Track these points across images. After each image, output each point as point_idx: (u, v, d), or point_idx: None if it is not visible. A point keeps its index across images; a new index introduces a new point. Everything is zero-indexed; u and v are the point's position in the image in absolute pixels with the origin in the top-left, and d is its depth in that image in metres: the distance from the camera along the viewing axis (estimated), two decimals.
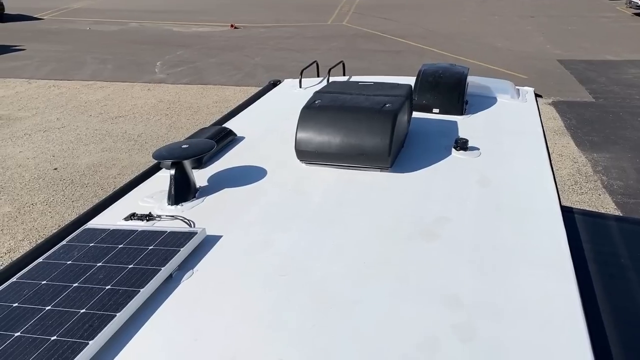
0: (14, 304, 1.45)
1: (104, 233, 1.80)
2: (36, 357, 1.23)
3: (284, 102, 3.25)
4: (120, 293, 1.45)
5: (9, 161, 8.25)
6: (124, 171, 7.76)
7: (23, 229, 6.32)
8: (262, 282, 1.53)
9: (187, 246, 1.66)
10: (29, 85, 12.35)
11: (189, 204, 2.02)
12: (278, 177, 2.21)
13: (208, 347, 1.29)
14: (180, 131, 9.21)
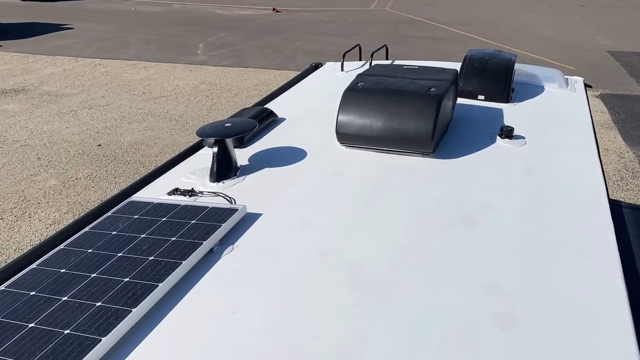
0: (61, 269, 1.51)
1: (148, 206, 1.84)
2: (82, 321, 1.27)
3: (325, 84, 3.24)
4: (163, 264, 1.48)
5: (56, 136, 8.52)
6: (165, 150, 7.92)
7: (67, 202, 6.53)
8: (300, 260, 1.54)
9: (228, 222, 1.68)
10: (76, 63, 12.69)
11: (230, 182, 2.04)
12: (318, 158, 2.21)
13: (247, 321, 1.31)
14: (220, 113, 9.32)
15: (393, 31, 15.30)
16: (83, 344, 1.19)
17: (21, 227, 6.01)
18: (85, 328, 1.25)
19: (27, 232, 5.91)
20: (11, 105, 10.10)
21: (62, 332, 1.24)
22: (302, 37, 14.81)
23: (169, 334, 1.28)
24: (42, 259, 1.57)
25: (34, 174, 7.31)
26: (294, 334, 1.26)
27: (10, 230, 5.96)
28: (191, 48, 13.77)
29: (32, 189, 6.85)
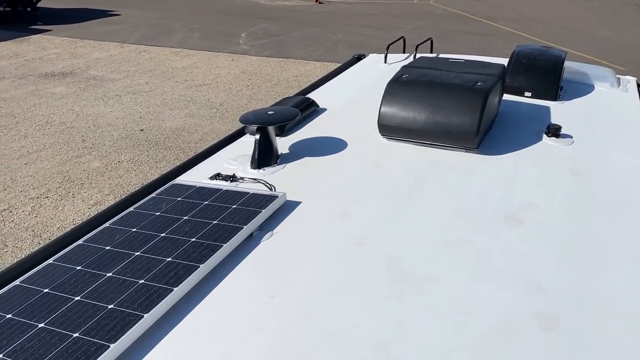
0: (106, 247, 1.55)
1: (191, 189, 1.87)
2: (125, 297, 1.31)
3: (367, 76, 3.22)
4: (205, 246, 1.51)
5: (100, 120, 8.75)
6: (205, 137, 8.03)
7: (109, 184, 6.71)
8: (339, 249, 1.55)
9: (268, 208, 1.70)
10: (121, 49, 12.98)
11: (271, 169, 2.06)
12: (358, 149, 2.21)
13: (285, 306, 1.32)
14: (259, 102, 9.39)
15: (437, 25, 15.08)
16: (126, 319, 1.23)
17: (65, 207, 6.21)
18: (129, 304, 1.28)
19: (70, 211, 6.11)
20: (59, 88, 10.42)
21: (106, 307, 1.28)
22: (344, 29, 14.75)
23: (208, 314, 1.31)
24: (88, 235, 1.62)
25: (79, 155, 7.53)
26: (331, 322, 1.26)
27: (54, 209, 6.17)
28: (234, 37, 13.89)
29: (76, 170, 7.06)
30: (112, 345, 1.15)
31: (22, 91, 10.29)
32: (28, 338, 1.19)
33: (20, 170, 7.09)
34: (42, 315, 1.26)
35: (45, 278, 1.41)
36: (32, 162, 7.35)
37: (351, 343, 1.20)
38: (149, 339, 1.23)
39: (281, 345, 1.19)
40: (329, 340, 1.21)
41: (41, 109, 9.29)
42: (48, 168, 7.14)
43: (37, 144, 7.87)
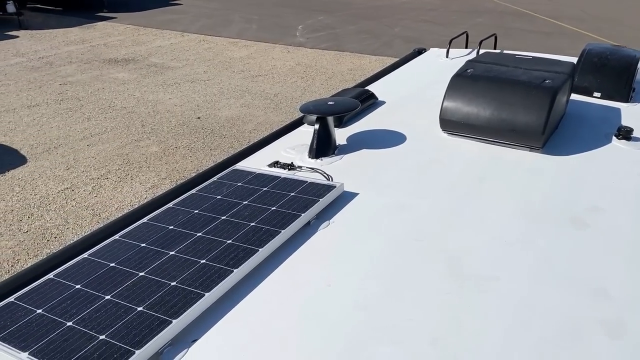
0: (169, 226, 1.60)
1: (250, 175, 1.90)
2: (187, 275, 1.34)
3: (428, 70, 3.17)
4: (264, 231, 1.53)
5: (160, 106, 9.01)
6: (259, 127, 8.14)
7: (166, 169, 6.90)
8: (396, 242, 1.53)
9: (326, 197, 1.71)
10: (182, 37, 13.31)
11: (328, 160, 2.06)
12: (417, 143, 2.18)
13: (341, 295, 1.32)
14: (313, 95, 9.42)
15: (498, 23, 14.68)
16: (188, 297, 1.26)
17: (123, 188, 6.44)
18: (190, 282, 1.32)
19: (128, 193, 6.33)
20: (122, 73, 10.79)
21: (169, 284, 1.32)
22: (401, 23, 14.58)
23: (265, 297, 1.33)
24: (152, 214, 1.68)
25: (138, 139, 7.79)
26: (387, 314, 1.26)
27: (113, 189, 6.41)
28: (290, 29, 13.98)
29: (135, 154, 7.30)
30: (174, 320, 1.19)
31: (87, 75, 10.72)
32: (96, 308, 1.24)
33: (83, 151, 7.40)
34: (108, 287, 1.32)
35: (112, 253, 1.47)
36: (94, 144, 7.66)
37: (408, 336, 1.19)
38: (209, 317, 1.26)
39: (337, 334, 1.20)
40: (386, 332, 1.20)
41: (104, 93, 9.65)
42: (109, 150, 7.41)
43: (99, 126, 8.19)
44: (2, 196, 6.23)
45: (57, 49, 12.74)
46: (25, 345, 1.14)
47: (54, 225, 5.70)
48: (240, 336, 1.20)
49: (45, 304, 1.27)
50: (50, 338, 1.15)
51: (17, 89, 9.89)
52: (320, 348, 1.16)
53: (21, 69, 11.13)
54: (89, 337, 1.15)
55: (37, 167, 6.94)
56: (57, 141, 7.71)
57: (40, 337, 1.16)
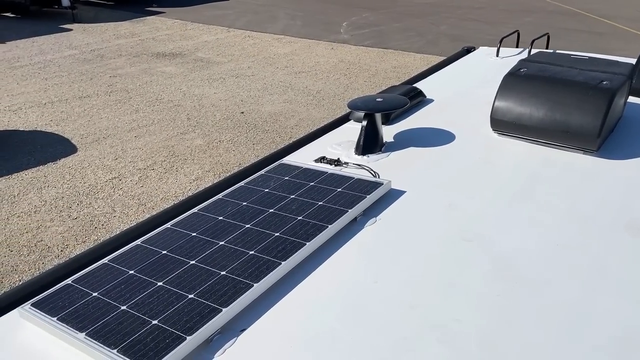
0: (219, 217, 1.63)
1: (297, 170, 1.92)
2: (237, 265, 1.37)
3: (477, 69, 3.11)
4: (311, 225, 1.54)
5: (205, 100, 9.17)
6: (301, 123, 8.18)
7: (210, 162, 7.02)
8: (444, 242, 1.52)
9: (373, 194, 1.70)
10: (228, 33, 13.50)
11: (375, 157, 2.05)
12: (467, 143, 2.15)
13: (387, 292, 1.32)
14: (356, 92, 9.40)
15: (548, 22, 14.28)
16: (237, 287, 1.29)
17: (168, 179, 6.59)
18: (240, 272, 1.34)
19: (173, 184, 6.48)
20: (169, 67, 11.03)
21: (219, 273, 1.34)
22: (448, 21, 14.37)
23: (312, 291, 1.34)
24: (202, 205, 1.71)
25: (183, 132, 7.95)
26: (435, 313, 1.25)
27: (159, 180, 6.57)
28: (335, 26, 13.98)
29: (180, 146, 7.46)
30: (224, 309, 1.21)
31: (136, 68, 11.00)
32: (148, 294, 1.28)
33: (131, 142, 7.61)
34: (160, 274, 1.35)
35: (164, 241, 1.51)
36: (142, 135, 7.86)
37: (456, 337, 1.17)
38: (257, 307, 1.28)
39: (384, 331, 1.20)
40: (433, 331, 1.19)
41: (152, 86, 9.88)
42: (155, 142, 7.59)
43: (146, 119, 8.40)
44: (53, 183, 6.48)
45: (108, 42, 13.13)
46: (82, 326, 1.18)
47: (102, 213, 5.89)
48: (287, 328, 1.22)
49: (100, 287, 1.32)
50: (106, 320, 1.20)
51: (70, 80, 10.25)
52: (367, 344, 1.16)
53: (74, 61, 11.53)
54: (142, 321, 1.18)
55: (86, 157, 7.18)
56: (106, 132, 7.95)
57: (96, 319, 1.20)
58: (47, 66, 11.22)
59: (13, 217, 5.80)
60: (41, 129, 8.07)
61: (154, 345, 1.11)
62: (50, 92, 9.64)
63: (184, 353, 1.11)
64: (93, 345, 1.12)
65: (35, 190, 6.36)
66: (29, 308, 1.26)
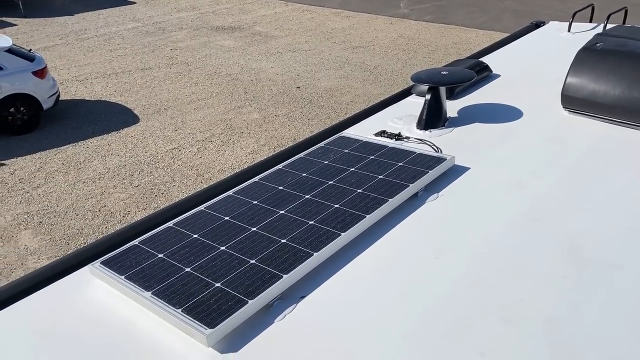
0: (279, 187, 1.64)
1: (357, 143, 1.90)
2: (297, 234, 1.37)
3: (547, 44, 2.97)
4: (370, 198, 1.53)
5: (262, 74, 9.23)
6: (356, 99, 8.11)
7: (265, 136, 7.10)
8: (509, 220, 1.47)
9: (435, 169, 1.66)
10: (286, 7, 13.46)
11: (438, 132, 2.00)
12: (535, 120, 2.06)
13: (449, 268, 1.29)
14: (415, 68, 9.20)
15: None
16: (297, 255, 1.29)
17: (225, 152, 6.71)
18: (300, 241, 1.35)
19: (230, 156, 6.59)
20: (228, 41, 11.15)
21: (279, 241, 1.35)
22: None
23: (371, 263, 1.33)
24: (262, 174, 1.72)
25: (240, 106, 8.05)
26: (498, 292, 1.21)
27: (216, 152, 6.70)
28: (394, 0, 13.68)
29: (237, 119, 7.57)
30: (284, 275, 1.22)
31: (196, 42, 11.18)
32: (212, 257, 1.31)
33: (190, 114, 7.78)
34: (223, 239, 1.38)
35: (226, 207, 1.53)
36: (200, 108, 8.02)
37: (521, 317, 1.14)
38: (316, 276, 1.29)
39: (445, 306, 1.17)
40: (497, 310, 1.16)
41: (211, 59, 10.03)
42: (213, 115, 7.73)
43: (205, 91, 8.55)
44: (116, 151, 6.73)
45: (169, 15, 13.38)
46: (149, 285, 1.23)
47: (162, 182, 6.08)
48: (346, 297, 1.21)
49: (165, 249, 1.36)
50: (171, 281, 1.23)
51: (133, 52, 10.54)
52: (427, 318, 1.14)
53: (137, 33, 11.84)
54: (206, 283, 1.21)
55: (148, 127, 7.40)
56: (167, 103, 8.16)
57: (161, 279, 1.24)
58: (111, 38, 11.58)
59: (79, 183, 6.09)
60: (105, 99, 8.37)
61: (217, 307, 1.14)
62: (115, 63, 9.95)
63: (245, 316, 1.13)
64: (159, 304, 1.16)
65: (100, 158, 6.63)
66: (99, 266, 1.32)
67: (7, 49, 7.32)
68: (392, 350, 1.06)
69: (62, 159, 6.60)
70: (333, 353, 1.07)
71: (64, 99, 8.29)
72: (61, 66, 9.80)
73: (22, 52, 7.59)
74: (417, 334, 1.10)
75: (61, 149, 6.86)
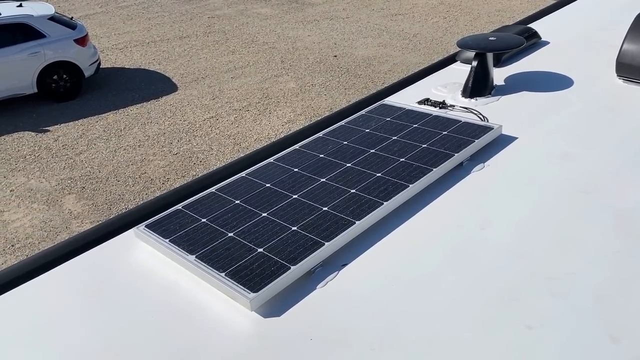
0: (320, 155, 1.62)
1: (400, 111, 1.85)
2: (338, 202, 1.36)
3: (600, 10, 2.82)
4: (414, 167, 1.49)
5: (299, 43, 9.14)
6: (395, 68, 7.96)
7: (302, 105, 7.06)
8: (560, 192, 1.42)
9: (481, 139, 1.61)
10: None
11: (484, 100, 1.94)
12: (587, 89, 1.97)
13: (495, 240, 1.26)
14: (455, 37, 8.95)
15: None
16: (339, 222, 1.28)
17: (262, 121, 6.72)
18: (341, 209, 1.33)
19: (266, 126, 6.60)
20: (264, 9, 11.05)
21: (321, 208, 1.34)
22: None
23: (414, 233, 1.31)
24: (303, 142, 1.71)
25: (277, 75, 8.01)
26: (547, 266, 1.18)
27: (253, 121, 6.72)
28: None
29: (274, 89, 7.54)
30: (326, 243, 1.21)
31: (233, 10, 11.13)
32: (254, 223, 1.31)
33: (227, 82, 7.80)
34: (264, 206, 1.38)
35: (267, 174, 1.53)
36: (238, 77, 8.02)
37: (570, 290, 1.10)
38: (358, 245, 1.28)
39: (491, 278, 1.15)
40: (545, 283, 1.13)
41: (248, 27, 9.98)
42: (250, 84, 7.73)
43: (242, 60, 8.54)
44: (156, 119, 6.83)
45: None
46: (193, 249, 1.24)
47: (200, 150, 6.15)
48: (389, 266, 1.20)
49: (208, 214, 1.36)
50: (214, 245, 1.24)
51: (171, 20, 10.58)
52: (473, 290, 1.12)
53: (175, 1, 11.85)
54: (248, 248, 1.22)
55: (186, 95, 7.46)
56: (205, 72, 8.19)
57: (205, 244, 1.25)
58: (150, 6, 11.63)
59: (120, 150, 6.22)
60: (145, 67, 8.46)
61: (259, 271, 1.14)
62: (153, 31, 10.02)
63: (287, 281, 1.13)
64: (202, 268, 1.17)
65: (140, 126, 6.74)
66: (144, 229, 1.34)
67: (50, 17, 7.44)
68: (435, 322, 1.05)
69: (103, 126, 6.74)
70: (375, 322, 1.06)
71: (104, 67, 8.42)
72: (101, 34, 9.92)
73: (64, 20, 7.71)
74: (461, 306, 1.08)
75: (102, 116, 7.00)
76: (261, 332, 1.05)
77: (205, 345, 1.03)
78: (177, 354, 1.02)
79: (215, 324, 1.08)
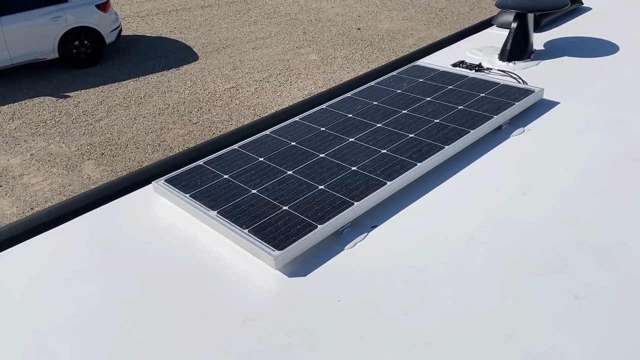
0: (348, 114, 1.53)
1: (433, 72, 1.75)
2: (368, 162, 1.28)
3: None
4: (450, 129, 1.40)
5: (322, 14, 8.96)
6: (420, 42, 7.77)
7: (323, 78, 6.94)
8: (604, 159, 1.32)
9: (521, 102, 1.51)
10: None
11: (522, 64, 1.83)
12: (632, 55, 1.84)
13: (538, 206, 1.17)
14: (483, 12, 8.71)
15: None
16: (369, 182, 1.20)
17: (282, 93, 6.62)
18: (372, 169, 1.25)
19: (287, 97, 6.50)
20: None
21: (349, 168, 1.26)
22: None
23: (450, 196, 1.22)
24: (330, 102, 1.62)
25: (299, 46, 7.87)
26: (594, 233, 1.09)
27: (273, 93, 6.62)
28: None
29: (295, 60, 7.42)
30: (355, 203, 1.14)
31: None
32: (278, 181, 1.23)
33: (248, 53, 7.68)
34: (290, 164, 1.30)
35: (292, 133, 1.45)
36: (259, 47, 7.90)
37: (620, 259, 1.02)
38: (389, 206, 1.20)
39: (534, 245, 1.06)
40: (594, 252, 1.04)
41: None
42: (271, 55, 7.61)
43: (264, 31, 8.41)
44: (176, 88, 6.77)
45: None
46: (215, 204, 1.17)
47: (219, 120, 6.09)
48: (421, 229, 1.12)
49: (231, 170, 1.29)
50: (237, 202, 1.17)
51: None
52: (514, 256, 1.04)
53: None
54: (273, 206, 1.14)
55: (206, 65, 7.38)
56: (226, 42, 8.08)
57: (227, 200, 1.18)
58: None
59: (139, 117, 6.18)
60: (166, 36, 8.38)
61: (284, 229, 1.07)
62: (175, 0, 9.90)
63: (314, 240, 1.06)
64: (224, 224, 1.10)
65: (160, 94, 6.69)
66: (163, 183, 1.27)
67: None
68: (473, 289, 0.97)
69: (123, 93, 6.70)
70: (407, 286, 0.98)
71: (126, 34, 8.35)
72: (123, 1, 9.84)
73: None
74: (501, 273, 1.00)
75: (122, 83, 6.96)
76: (285, 291, 0.99)
77: (226, 303, 0.97)
78: (195, 310, 0.96)
79: (237, 282, 1.01)
